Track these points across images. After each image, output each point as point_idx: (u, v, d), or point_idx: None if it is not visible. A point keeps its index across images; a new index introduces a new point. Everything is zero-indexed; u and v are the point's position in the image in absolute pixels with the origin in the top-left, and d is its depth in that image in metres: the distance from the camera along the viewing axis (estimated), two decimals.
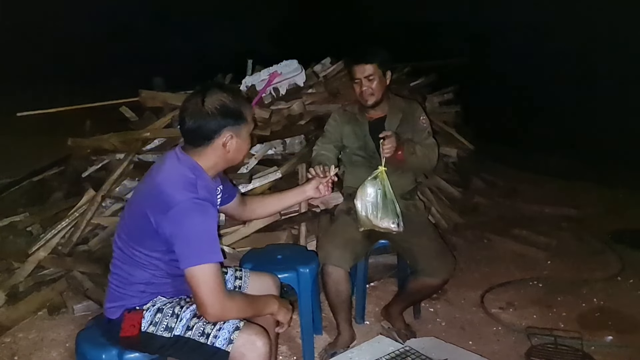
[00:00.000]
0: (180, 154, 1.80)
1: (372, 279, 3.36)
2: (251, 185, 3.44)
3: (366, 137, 2.78)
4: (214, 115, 1.73)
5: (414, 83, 5.14)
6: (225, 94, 1.76)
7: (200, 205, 1.67)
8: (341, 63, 4.69)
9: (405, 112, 2.81)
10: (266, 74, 4.22)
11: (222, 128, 1.75)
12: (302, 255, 2.70)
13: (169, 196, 1.67)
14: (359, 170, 2.79)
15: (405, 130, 2.74)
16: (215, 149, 1.77)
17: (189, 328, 1.74)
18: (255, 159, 3.64)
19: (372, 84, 2.67)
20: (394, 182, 2.52)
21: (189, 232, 1.65)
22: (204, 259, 1.64)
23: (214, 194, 1.84)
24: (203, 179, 1.76)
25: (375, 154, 2.70)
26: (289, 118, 3.99)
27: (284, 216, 3.36)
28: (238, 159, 1.86)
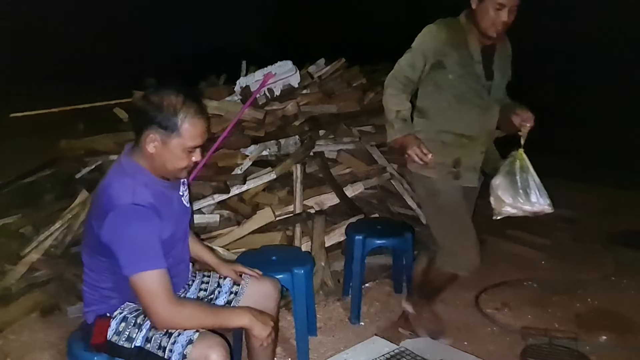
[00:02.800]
0: (123, 157, 1.74)
1: (367, 279, 3.35)
2: (245, 187, 3.43)
3: (477, 65, 2.33)
4: (142, 112, 1.66)
5: None
6: (172, 98, 1.65)
7: (137, 211, 1.60)
8: (336, 63, 4.69)
9: (506, 46, 2.46)
10: (260, 75, 4.21)
11: (146, 127, 1.66)
12: (296, 256, 2.68)
13: (105, 202, 1.62)
14: (466, 109, 2.35)
15: (506, 70, 2.43)
16: (143, 149, 1.69)
17: (148, 340, 1.69)
18: (250, 160, 3.62)
19: (512, 15, 2.23)
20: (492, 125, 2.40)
21: (127, 239, 1.59)
22: (143, 266, 1.59)
23: (164, 198, 1.74)
24: (146, 183, 1.69)
25: (484, 89, 2.34)
26: (284, 119, 3.98)
27: (279, 217, 3.35)
28: (167, 169, 1.72)
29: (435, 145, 2.34)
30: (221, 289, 2.03)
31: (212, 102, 3.91)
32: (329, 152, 3.95)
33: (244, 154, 3.67)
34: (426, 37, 2.33)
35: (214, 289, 2.04)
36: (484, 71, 2.33)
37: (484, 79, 2.33)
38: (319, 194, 3.59)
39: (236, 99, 4.13)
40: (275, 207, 3.38)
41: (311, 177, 3.72)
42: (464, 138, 2.38)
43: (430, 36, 2.32)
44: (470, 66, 2.31)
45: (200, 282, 2.05)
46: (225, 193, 3.38)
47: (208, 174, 3.51)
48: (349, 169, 3.95)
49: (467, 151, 2.40)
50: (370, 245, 2.94)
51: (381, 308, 3.12)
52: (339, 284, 3.24)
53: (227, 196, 3.40)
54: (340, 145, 4.00)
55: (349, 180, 3.83)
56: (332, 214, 3.56)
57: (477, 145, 2.41)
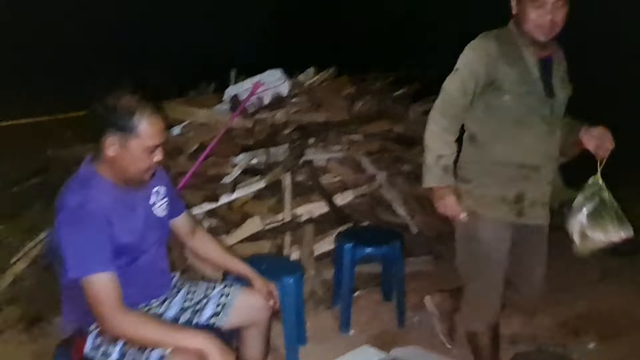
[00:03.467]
0: (82, 166, 1.75)
1: (357, 288, 3.35)
2: (234, 195, 3.42)
3: (537, 82, 2.03)
4: (98, 117, 1.66)
5: (398, 93, 5.17)
6: (127, 99, 1.65)
7: (84, 213, 1.60)
8: (325, 72, 4.71)
9: (562, 57, 2.16)
10: (249, 84, 4.21)
11: (103, 131, 1.65)
12: (285, 265, 2.68)
13: (58, 207, 1.65)
14: (527, 134, 2.05)
15: (564, 84, 2.12)
16: (103, 155, 1.69)
17: (123, 354, 1.68)
18: (239, 168, 3.62)
19: (559, 13, 1.95)
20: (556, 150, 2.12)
21: (71, 241, 1.59)
22: (87, 269, 1.58)
23: (122, 206, 1.73)
24: (100, 189, 1.68)
25: (547, 109, 2.03)
26: (273, 127, 3.98)
27: (268, 226, 3.35)
28: (129, 172, 1.71)
29: (493, 177, 2.10)
30: (208, 300, 1.99)
31: (201, 111, 3.91)
32: (318, 161, 3.95)
33: (233, 163, 3.67)
34: (475, 54, 2.03)
35: (200, 300, 2.00)
36: (545, 87, 2.04)
37: (545, 97, 2.03)
38: (308, 202, 3.59)
39: (225, 108, 4.12)
40: (264, 215, 3.38)
41: (300, 186, 3.71)
42: (527, 169, 2.08)
43: (480, 53, 2.02)
44: (529, 83, 2.01)
45: (187, 291, 2.02)
46: (214, 202, 3.37)
47: (197, 183, 3.50)
48: (338, 178, 3.95)
49: (532, 183, 2.10)
50: (360, 253, 2.94)
51: (371, 316, 3.12)
52: (328, 292, 3.23)
53: (216, 205, 3.39)
54: (330, 154, 4.00)
55: (339, 188, 3.84)
56: (322, 222, 3.55)
57: (543, 176, 2.11)
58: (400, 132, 4.61)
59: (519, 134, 2.05)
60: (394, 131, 4.56)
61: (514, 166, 2.08)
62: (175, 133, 3.90)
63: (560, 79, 2.09)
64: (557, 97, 2.06)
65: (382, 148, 4.33)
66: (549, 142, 2.09)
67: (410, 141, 4.67)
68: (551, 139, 2.09)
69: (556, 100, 2.06)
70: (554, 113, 2.06)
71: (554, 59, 2.08)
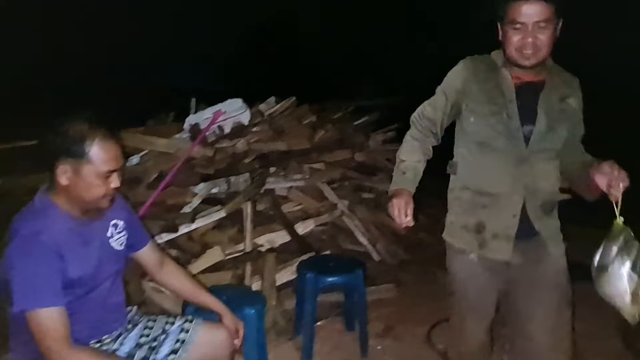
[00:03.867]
0: (37, 195, 1.71)
1: (319, 318, 3.32)
2: (194, 225, 3.37)
3: (509, 105, 1.91)
4: (49, 145, 1.64)
5: (358, 122, 5.23)
6: (78, 125, 1.63)
7: (35, 245, 1.57)
8: (286, 101, 4.74)
9: (567, 86, 1.98)
10: (210, 113, 4.20)
11: (55, 160, 1.63)
12: (247, 296, 2.64)
13: (9, 235, 1.62)
14: (490, 159, 1.96)
15: (561, 116, 1.93)
16: (57, 184, 1.66)
17: None
18: (199, 197, 3.57)
19: (542, 35, 1.81)
20: (534, 183, 1.93)
21: (20, 272, 1.56)
22: (35, 303, 1.55)
23: (76, 237, 1.69)
24: (55, 220, 1.65)
25: (518, 134, 1.90)
26: (234, 156, 3.96)
27: (229, 256, 3.30)
28: (85, 199, 1.67)
29: (460, 204, 2.05)
30: (167, 336, 1.93)
31: (160, 140, 3.86)
32: (279, 189, 3.94)
33: (193, 192, 3.62)
34: (450, 74, 2.03)
35: (158, 335, 1.93)
36: (521, 113, 1.90)
37: (519, 122, 1.90)
38: (269, 231, 3.57)
39: (185, 137, 4.09)
40: (225, 245, 3.33)
41: (262, 215, 3.69)
42: (486, 196, 1.98)
43: (454, 73, 2.01)
44: (498, 105, 1.91)
45: (144, 326, 1.96)
46: (173, 232, 3.31)
47: (156, 212, 3.44)
48: (299, 206, 3.95)
49: (492, 213, 1.97)
50: (322, 282, 2.92)
51: (333, 346, 3.09)
52: (290, 323, 3.19)
53: (175, 235, 3.33)
54: (291, 182, 4.00)
55: (300, 217, 3.83)
56: (283, 251, 3.53)
57: (506, 207, 1.96)
58: (361, 160, 4.66)
59: (481, 157, 1.97)
60: (354, 160, 4.61)
61: (473, 192, 2.01)
62: (134, 162, 3.83)
63: (558, 110, 1.92)
64: (538, 125, 1.90)
65: (343, 176, 4.36)
66: (519, 170, 1.92)
67: (371, 169, 4.73)
68: (522, 168, 1.92)
69: (537, 128, 1.90)
70: (531, 141, 1.90)
71: (547, 86, 1.92)
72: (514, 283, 2.05)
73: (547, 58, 1.89)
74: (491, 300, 2.09)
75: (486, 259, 2.00)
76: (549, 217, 2.02)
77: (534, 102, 1.91)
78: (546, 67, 1.93)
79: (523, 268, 2.02)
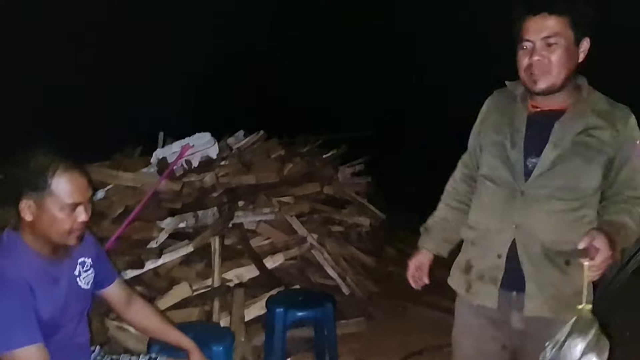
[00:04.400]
0: (5, 232, 1.66)
1: (290, 353, 3.27)
2: (161, 260, 3.31)
3: (515, 134, 1.72)
4: (11, 180, 1.61)
5: (327, 155, 5.28)
6: (39, 157, 1.59)
7: (6, 284, 1.52)
8: (255, 135, 4.75)
9: (602, 117, 1.65)
10: (178, 147, 4.17)
11: (18, 195, 1.58)
12: (215, 333, 2.58)
13: None
14: (486, 190, 1.80)
15: (578, 149, 1.64)
16: (22, 220, 1.61)
17: None
18: (166, 232, 3.52)
19: (551, 52, 1.58)
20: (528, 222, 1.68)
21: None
22: (11, 344, 1.49)
23: (45, 277, 1.64)
24: (23, 259, 1.60)
25: (519, 166, 1.70)
26: (201, 190, 3.93)
27: (196, 292, 3.24)
28: (50, 235, 1.61)
29: (464, 241, 1.92)
30: None
31: (127, 174, 3.81)
32: (248, 223, 3.91)
33: (159, 227, 3.57)
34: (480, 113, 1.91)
35: None
36: (530, 143, 1.69)
37: (522, 153, 1.69)
38: (238, 266, 3.53)
39: (152, 171, 4.05)
40: (192, 281, 3.28)
41: (230, 249, 3.65)
42: (475, 231, 1.82)
43: (482, 110, 1.90)
44: (503, 134, 1.74)
45: None
46: (139, 268, 3.24)
47: (121, 248, 3.37)
48: (268, 240, 3.93)
49: (479, 251, 1.80)
50: (292, 317, 2.89)
51: None
52: (259, 359, 3.13)
53: (141, 271, 3.26)
54: (260, 216, 3.98)
55: (269, 251, 3.80)
56: (252, 286, 3.49)
57: (492, 245, 1.75)
58: (329, 193, 4.68)
59: (482, 190, 1.82)
60: (323, 193, 4.62)
61: (467, 227, 1.87)
62: (99, 197, 3.76)
63: (574, 142, 1.64)
64: (543, 157, 1.66)
65: (312, 210, 4.36)
66: (509, 206, 1.71)
67: (340, 202, 4.75)
68: (513, 204, 1.70)
69: (542, 160, 1.66)
70: (532, 175, 1.67)
71: (569, 114, 1.66)
72: (520, 352, 1.80)
73: (566, 82, 1.62)
74: (493, 355, 1.83)
75: (478, 305, 1.80)
76: (558, 270, 1.66)
77: (547, 132, 1.66)
78: (576, 94, 1.68)
79: (526, 336, 1.73)
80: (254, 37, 10.71)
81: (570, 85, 1.66)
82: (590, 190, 1.65)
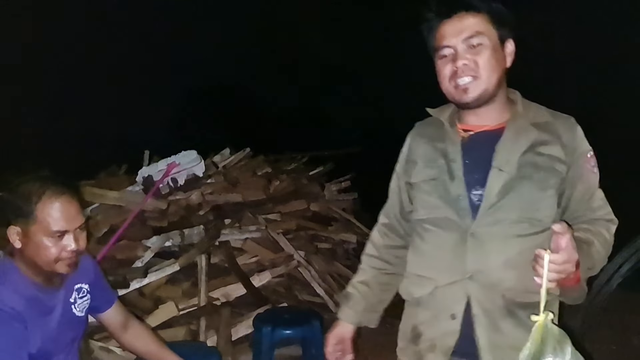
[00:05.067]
0: (2, 255, 1.63)
1: None
2: (146, 280, 3.28)
3: (452, 165, 1.43)
4: (2, 204, 1.57)
5: (313, 172, 5.29)
6: (27, 184, 1.55)
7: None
8: (241, 153, 4.76)
9: (545, 130, 1.41)
10: (164, 165, 4.16)
11: (7, 221, 1.55)
12: (201, 352, 2.56)
13: None
14: (427, 238, 1.48)
15: (527, 171, 1.38)
16: (12, 245, 1.57)
17: None
18: (151, 251, 3.50)
19: (477, 54, 1.35)
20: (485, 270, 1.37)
21: None
22: None
23: (38, 306, 1.60)
24: (16, 287, 1.55)
25: (463, 202, 1.40)
26: (188, 208, 3.92)
27: (182, 311, 3.22)
28: (38, 263, 1.56)
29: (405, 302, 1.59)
30: None
31: (112, 193, 3.79)
32: (234, 241, 3.90)
33: (145, 246, 3.55)
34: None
35: None
36: (469, 174, 1.41)
37: (463, 186, 1.40)
38: (224, 284, 3.51)
39: (138, 189, 4.03)
40: (178, 300, 3.25)
41: (216, 268, 3.63)
42: (419, 287, 1.50)
43: (402, 149, 1.62)
44: (438, 168, 1.45)
45: None
46: (124, 288, 3.21)
47: (106, 268, 3.33)
48: (255, 258, 3.91)
49: (426, 313, 1.47)
50: (279, 336, 2.87)
51: None
52: None
53: (126, 291, 3.23)
54: (246, 234, 3.97)
55: (256, 269, 3.79)
56: (239, 305, 3.47)
57: (443, 304, 1.42)
58: (316, 210, 4.68)
59: (422, 237, 1.50)
60: (310, 210, 4.62)
61: (409, 284, 1.55)
62: None
63: (522, 164, 1.37)
64: (488, 188, 1.37)
65: (299, 227, 4.36)
66: (460, 253, 1.39)
67: (327, 219, 4.75)
68: (464, 250, 1.39)
69: (487, 190, 1.37)
70: (480, 211, 1.38)
71: (508, 132, 1.40)
72: None
73: (497, 89, 1.39)
74: None
75: None
76: (522, 330, 1.30)
77: (487, 157, 1.39)
78: (511, 109, 1.44)
79: None
80: (241, 56, 10.76)
81: (502, 98, 1.43)
82: (550, 219, 1.36)
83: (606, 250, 1.40)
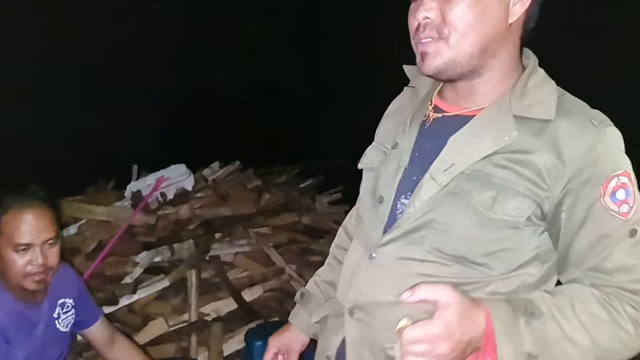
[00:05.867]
0: None
1: None
2: (136, 296, 3.25)
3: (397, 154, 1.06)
4: None
5: (304, 184, 5.28)
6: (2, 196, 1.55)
7: None
8: (230, 166, 4.74)
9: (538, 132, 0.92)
10: (153, 179, 4.13)
11: None
12: None
13: None
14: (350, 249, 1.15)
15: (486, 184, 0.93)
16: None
17: None
18: (141, 267, 3.46)
19: (447, 3, 0.90)
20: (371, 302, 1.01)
21: None
22: None
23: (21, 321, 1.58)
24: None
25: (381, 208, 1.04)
26: (177, 223, 3.89)
27: (172, 327, 3.18)
28: (7, 278, 1.54)
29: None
30: None
31: (100, 208, 3.76)
32: (225, 256, 3.86)
33: (134, 261, 3.51)
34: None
35: None
36: (409, 171, 1.03)
37: (394, 187, 1.03)
38: (215, 300, 3.47)
39: (126, 204, 3.99)
40: (168, 316, 3.21)
41: (207, 283, 3.59)
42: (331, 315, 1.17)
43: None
44: (385, 154, 1.11)
45: None
46: (113, 304, 3.17)
47: (95, 284, 3.29)
48: (246, 272, 3.88)
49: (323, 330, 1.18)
50: None
51: None
52: None
53: (115, 307, 3.19)
54: (237, 248, 3.93)
55: (247, 283, 3.75)
56: (230, 320, 3.43)
57: (325, 341, 1.14)
58: (307, 223, 4.66)
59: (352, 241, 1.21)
60: (301, 223, 4.60)
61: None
62: (72, 232, 3.69)
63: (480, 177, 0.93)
64: (414, 195, 0.97)
65: (290, 240, 4.34)
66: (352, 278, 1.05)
67: (318, 232, 4.73)
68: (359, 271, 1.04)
69: (412, 199, 0.98)
70: (391, 230, 0.99)
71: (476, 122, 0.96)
72: None
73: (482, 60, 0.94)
74: None
75: None
76: None
77: (437, 156, 0.98)
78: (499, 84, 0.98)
79: None
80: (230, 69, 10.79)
81: (499, 72, 0.97)
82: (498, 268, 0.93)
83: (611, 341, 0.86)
